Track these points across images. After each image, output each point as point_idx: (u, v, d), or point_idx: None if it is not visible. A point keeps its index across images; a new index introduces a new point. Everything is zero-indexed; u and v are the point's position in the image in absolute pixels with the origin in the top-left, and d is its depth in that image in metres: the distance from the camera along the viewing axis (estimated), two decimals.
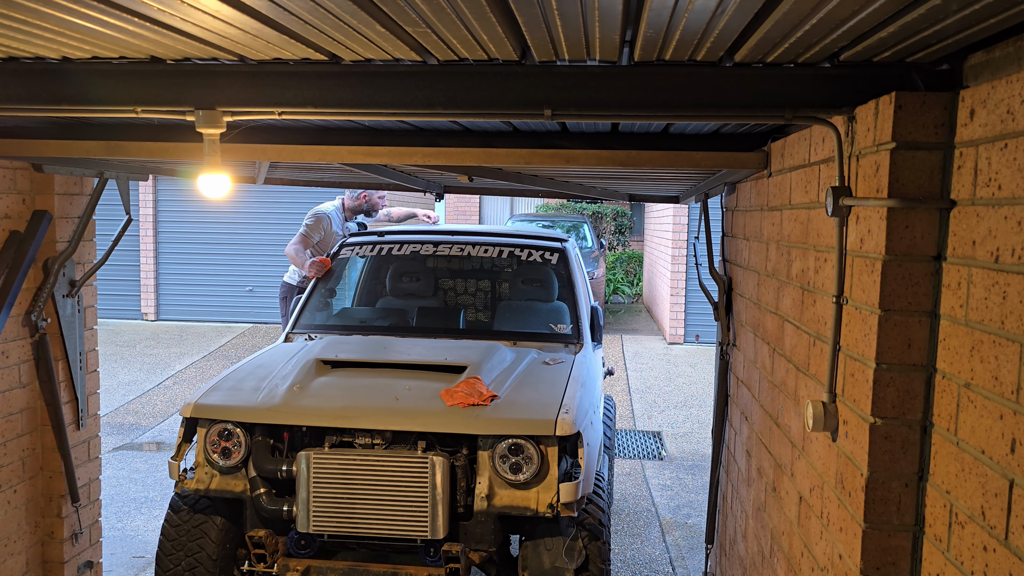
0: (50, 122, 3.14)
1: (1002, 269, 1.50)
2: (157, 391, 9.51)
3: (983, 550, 1.52)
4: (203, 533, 3.65)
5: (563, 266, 5.22)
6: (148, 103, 2.30)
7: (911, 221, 1.78)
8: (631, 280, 17.42)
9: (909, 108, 1.77)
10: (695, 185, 4.64)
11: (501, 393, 3.69)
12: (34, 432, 3.91)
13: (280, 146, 3.12)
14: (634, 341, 12.74)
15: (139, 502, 6.12)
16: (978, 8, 1.41)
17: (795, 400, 2.55)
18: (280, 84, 2.24)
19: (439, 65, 2.16)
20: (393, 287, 5.49)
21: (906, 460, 1.83)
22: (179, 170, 4.40)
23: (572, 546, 3.43)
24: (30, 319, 3.77)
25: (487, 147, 3.11)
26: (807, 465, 2.38)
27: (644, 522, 6.01)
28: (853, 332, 1.99)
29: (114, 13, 1.72)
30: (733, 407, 3.82)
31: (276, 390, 3.73)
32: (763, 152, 3.03)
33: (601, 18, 1.67)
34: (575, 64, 2.11)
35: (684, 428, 8.39)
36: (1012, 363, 1.45)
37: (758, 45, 1.83)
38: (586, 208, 18.40)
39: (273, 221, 13.25)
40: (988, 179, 1.57)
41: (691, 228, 12.52)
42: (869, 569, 1.87)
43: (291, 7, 1.65)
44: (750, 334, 3.36)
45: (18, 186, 3.73)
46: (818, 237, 2.32)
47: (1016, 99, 1.47)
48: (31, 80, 2.31)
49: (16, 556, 3.83)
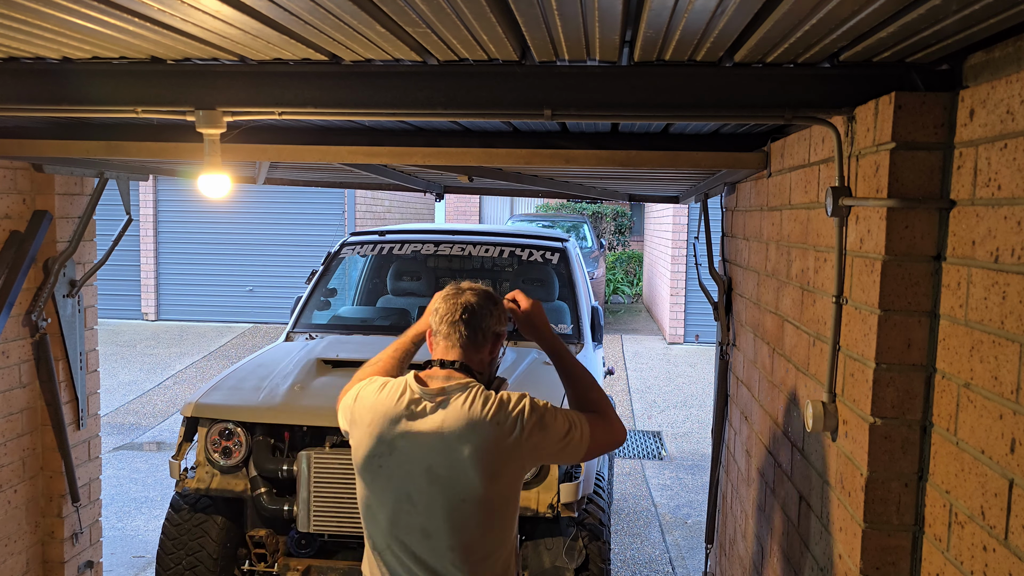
0: (50, 122, 3.14)
1: (1002, 269, 1.50)
2: (157, 391, 9.51)
3: (983, 550, 1.52)
4: (204, 532, 3.66)
5: (564, 266, 5.22)
6: (148, 103, 2.30)
7: (911, 221, 1.78)
8: (631, 280, 17.42)
9: (909, 108, 1.77)
10: (695, 185, 4.64)
11: None
12: (34, 432, 3.91)
13: (280, 146, 3.12)
14: (634, 341, 12.74)
15: (139, 502, 6.13)
16: (978, 8, 1.41)
17: (795, 400, 2.55)
18: (280, 84, 2.24)
19: (439, 65, 2.16)
20: (394, 286, 5.49)
21: (906, 460, 1.83)
22: (179, 170, 4.40)
23: (572, 546, 3.43)
24: (30, 319, 3.77)
25: (487, 147, 3.11)
26: (807, 465, 2.38)
27: (644, 522, 6.01)
28: (853, 332, 1.99)
29: (114, 13, 1.72)
30: (733, 407, 3.82)
31: (277, 390, 3.73)
32: (763, 152, 3.03)
33: (601, 18, 1.67)
34: (575, 64, 2.11)
35: (684, 428, 8.39)
36: (1012, 363, 1.45)
37: (758, 45, 1.83)
38: (586, 208, 18.40)
39: (273, 221, 13.26)
40: (988, 179, 1.57)
41: (691, 228, 12.53)
42: (869, 569, 1.87)
43: (291, 7, 1.65)
44: (750, 334, 3.36)
45: (18, 186, 3.73)
46: (818, 237, 2.32)
47: (1016, 99, 1.47)
48: (31, 80, 2.31)
49: (16, 556, 3.83)
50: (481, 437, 1.96)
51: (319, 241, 12.39)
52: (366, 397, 2.09)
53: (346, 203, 13.17)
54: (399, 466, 2.00)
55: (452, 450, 1.96)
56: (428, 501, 1.98)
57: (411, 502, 2.00)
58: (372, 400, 2.07)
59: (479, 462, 1.95)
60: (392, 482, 2.01)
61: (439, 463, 1.97)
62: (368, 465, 2.04)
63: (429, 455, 1.98)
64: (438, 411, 1.99)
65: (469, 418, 1.97)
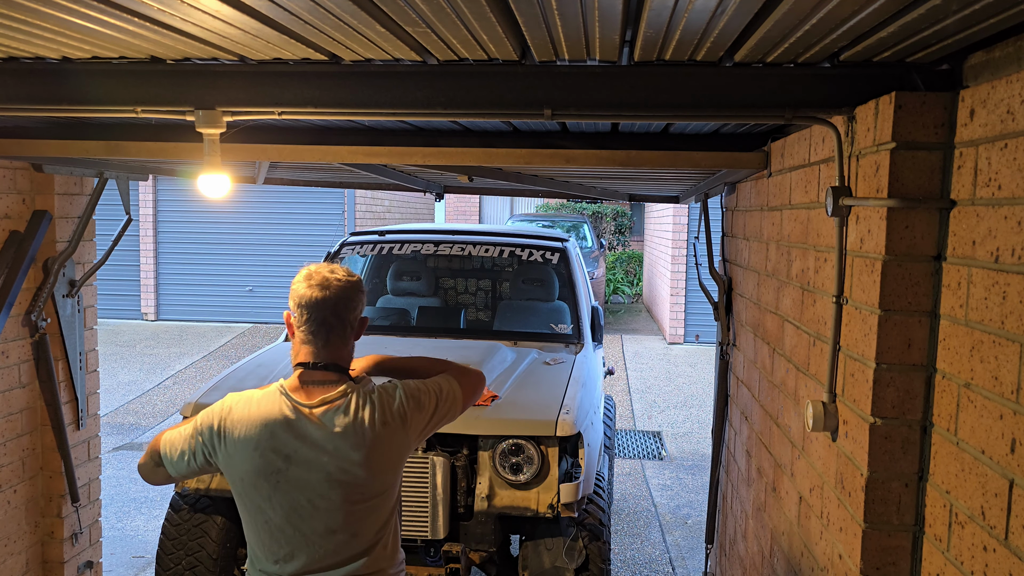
0: (50, 122, 3.14)
1: (1002, 269, 1.50)
2: (157, 391, 9.51)
3: (983, 550, 1.52)
4: (203, 532, 3.65)
5: (564, 266, 5.21)
6: (148, 103, 2.30)
7: (911, 221, 1.78)
8: (631, 280, 17.42)
9: (909, 108, 1.77)
10: (695, 185, 4.64)
11: (502, 393, 3.69)
12: (34, 432, 3.91)
13: (280, 146, 3.12)
14: (634, 341, 12.74)
15: (139, 502, 6.13)
16: (978, 8, 1.41)
17: (795, 400, 2.55)
18: (280, 84, 2.23)
19: (439, 65, 2.16)
20: (394, 286, 5.49)
21: (906, 460, 1.83)
22: (179, 170, 4.40)
23: (572, 546, 3.43)
24: (30, 319, 3.77)
25: (487, 147, 3.11)
26: (807, 465, 2.38)
27: (644, 522, 6.01)
28: (853, 332, 1.99)
29: (114, 13, 1.72)
30: (733, 407, 3.82)
31: None
32: (763, 152, 3.03)
33: (601, 18, 1.67)
34: (575, 64, 2.11)
35: (684, 428, 8.39)
36: (1012, 363, 1.45)
37: (758, 45, 1.83)
38: (586, 208, 18.40)
39: (273, 221, 13.26)
40: (988, 179, 1.57)
41: (691, 228, 12.52)
42: (869, 569, 1.87)
43: (291, 7, 1.65)
44: (750, 334, 3.36)
45: (18, 186, 3.73)
46: (818, 237, 2.32)
47: (1016, 99, 1.47)
48: (31, 80, 2.31)
49: (16, 556, 3.83)
50: (371, 440, 2.01)
51: (319, 241, 12.39)
52: (240, 412, 2.03)
53: (346, 203, 13.18)
54: (297, 479, 2.01)
55: (346, 456, 2.00)
56: (329, 504, 2.02)
57: (313, 507, 2.02)
58: (250, 415, 2.02)
59: (373, 462, 2.02)
60: (290, 494, 2.02)
61: (336, 470, 2.00)
62: (263, 481, 2.01)
63: (326, 464, 2.00)
64: (327, 423, 2.00)
65: (357, 425, 2.00)
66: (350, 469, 2.01)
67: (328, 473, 2.00)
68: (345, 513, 2.04)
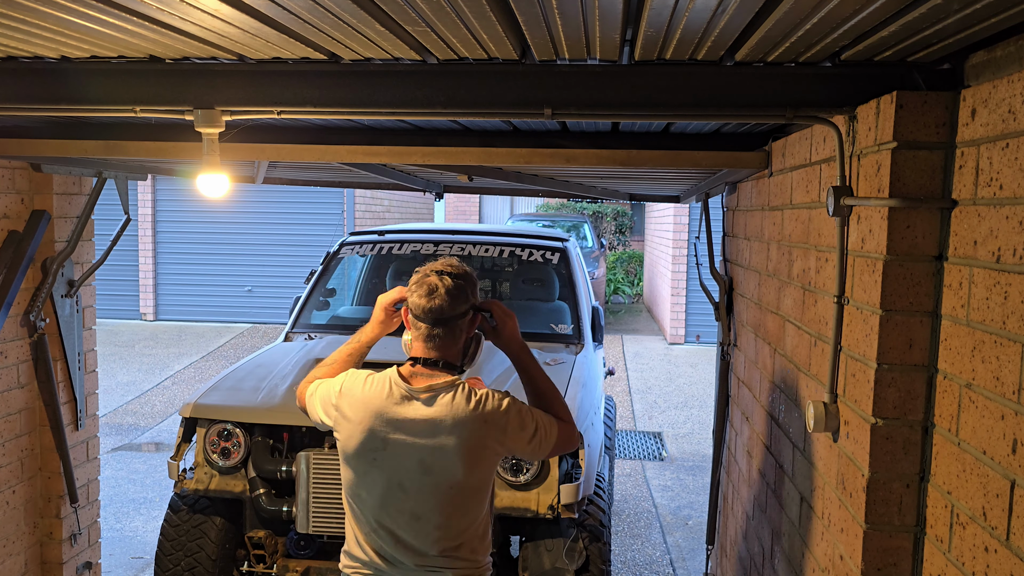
0: (49, 122, 3.13)
1: (1003, 269, 1.49)
2: (156, 391, 9.50)
3: (984, 551, 1.52)
4: (202, 533, 3.65)
5: (564, 266, 5.21)
6: (147, 102, 2.29)
7: (912, 221, 1.78)
8: (631, 280, 17.42)
9: (910, 107, 1.76)
10: (696, 185, 4.63)
11: None
12: (33, 432, 3.90)
13: (279, 145, 3.11)
14: (634, 341, 12.74)
15: (138, 503, 6.12)
16: (979, 8, 1.41)
17: (796, 401, 2.55)
18: (279, 83, 2.23)
19: (439, 64, 2.15)
20: (393, 286, 5.47)
21: (907, 461, 1.82)
22: (178, 170, 4.40)
23: (573, 547, 3.42)
24: (29, 319, 3.77)
25: (487, 146, 3.10)
26: (808, 466, 2.38)
27: (645, 523, 6.01)
28: (854, 332, 1.98)
29: (113, 12, 1.71)
30: (734, 407, 3.82)
31: (276, 390, 3.72)
32: (764, 152, 3.02)
33: (601, 17, 1.67)
34: (575, 63, 2.11)
35: (685, 429, 8.39)
36: (1013, 363, 1.45)
37: (759, 44, 1.83)
38: (586, 208, 18.41)
39: (273, 221, 13.25)
40: (989, 179, 1.56)
41: (692, 228, 12.52)
42: (870, 570, 1.86)
43: (290, 6, 1.65)
44: (751, 334, 3.35)
45: (17, 186, 3.72)
46: (819, 237, 2.32)
47: (1017, 98, 1.47)
48: (30, 80, 2.30)
49: (15, 557, 3.82)
50: (468, 431, 2.11)
51: (318, 241, 12.38)
52: (352, 392, 2.18)
53: (345, 203, 13.17)
54: (393, 458, 2.14)
55: (442, 443, 2.11)
56: (419, 488, 2.14)
57: (403, 490, 2.15)
58: (359, 395, 2.17)
59: (465, 454, 2.12)
60: (385, 473, 2.15)
61: (430, 455, 2.12)
62: (362, 458, 2.16)
63: (421, 449, 2.12)
64: (428, 407, 2.12)
65: (456, 414, 2.11)
66: (443, 457, 2.11)
67: (422, 458, 2.12)
68: (434, 501, 2.14)
